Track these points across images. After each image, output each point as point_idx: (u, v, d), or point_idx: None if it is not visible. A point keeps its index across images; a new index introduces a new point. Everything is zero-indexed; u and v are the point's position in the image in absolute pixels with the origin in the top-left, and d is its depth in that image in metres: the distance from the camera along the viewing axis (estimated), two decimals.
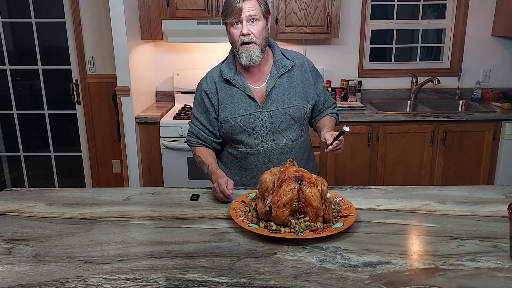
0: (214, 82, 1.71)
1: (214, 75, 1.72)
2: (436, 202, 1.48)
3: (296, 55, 1.75)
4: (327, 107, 1.84)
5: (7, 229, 1.32)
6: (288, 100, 1.67)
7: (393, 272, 1.06)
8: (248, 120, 1.66)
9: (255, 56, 1.60)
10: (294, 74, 1.70)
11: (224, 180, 1.51)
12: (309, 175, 1.29)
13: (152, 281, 1.03)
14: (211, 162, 1.69)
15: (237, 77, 1.68)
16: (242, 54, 1.60)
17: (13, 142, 3.75)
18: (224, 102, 1.68)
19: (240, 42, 1.59)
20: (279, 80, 1.68)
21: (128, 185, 3.02)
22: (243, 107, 1.66)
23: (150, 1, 3.03)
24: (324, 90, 1.81)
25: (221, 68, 1.71)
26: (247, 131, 1.67)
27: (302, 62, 1.74)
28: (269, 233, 1.22)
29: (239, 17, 1.56)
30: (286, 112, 1.67)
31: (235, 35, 1.60)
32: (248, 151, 1.70)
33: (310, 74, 1.74)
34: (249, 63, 1.61)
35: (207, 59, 3.48)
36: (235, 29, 1.60)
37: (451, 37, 3.54)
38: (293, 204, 1.24)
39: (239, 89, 1.67)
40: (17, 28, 3.55)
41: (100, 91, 3.53)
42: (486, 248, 1.16)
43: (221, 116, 1.69)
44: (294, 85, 1.69)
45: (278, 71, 1.68)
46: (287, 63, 1.70)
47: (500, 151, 3.04)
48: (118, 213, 1.43)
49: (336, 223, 1.28)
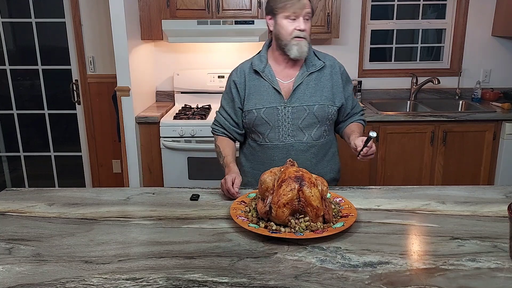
0: (243, 73, 1.75)
1: (245, 67, 1.77)
2: (436, 202, 1.48)
3: (328, 57, 1.78)
4: (355, 113, 1.83)
5: (7, 229, 1.32)
6: (313, 98, 1.69)
7: (393, 272, 1.06)
8: (271, 113, 1.68)
9: (304, 50, 1.65)
10: (324, 74, 1.72)
11: (231, 178, 1.53)
12: (309, 175, 1.29)
13: (152, 281, 1.03)
14: (227, 154, 1.71)
15: (266, 70, 1.72)
16: (293, 47, 1.63)
17: (13, 142, 3.75)
18: (250, 93, 1.72)
19: (293, 35, 1.62)
20: (308, 78, 1.70)
21: (128, 185, 3.02)
22: (268, 99, 1.69)
23: (150, 1, 3.03)
24: (352, 96, 1.82)
25: (252, 60, 1.76)
26: (269, 124, 1.69)
27: (333, 64, 1.76)
28: (269, 233, 1.22)
29: (300, 12, 1.60)
30: (310, 109, 1.68)
31: (289, 28, 1.62)
32: (268, 145, 1.72)
33: (340, 76, 1.75)
34: (299, 55, 1.65)
35: (207, 59, 3.49)
36: (289, 23, 1.62)
37: (451, 37, 3.54)
38: (293, 204, 1.24)
39: (266, 81, 1.70)
40: (17, 28, 3.55)
41: (100, 91, 3.53)
42: (486, 248, 1.17)
43: (245, 106, 1.72)
44: (322, 85, 1.71)
45: (307, 69, 1.71)
46: (318, 63, 1.72)
47: (500, 151, 3.04)
48: (118, 213, 1.43)
49: (336, 223, 1.28)
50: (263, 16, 3.05)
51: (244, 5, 3.05)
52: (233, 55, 3.49)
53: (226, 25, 2.99)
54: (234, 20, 2.99)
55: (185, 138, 2.93)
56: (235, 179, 1.54)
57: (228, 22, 2.99)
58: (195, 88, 3.39)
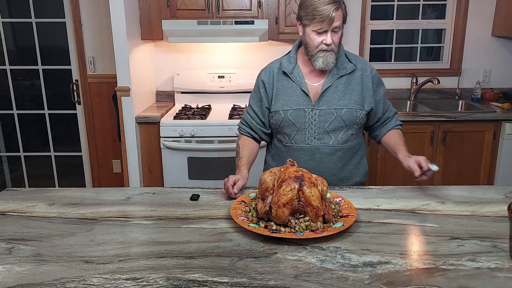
0: (272, 73, 1.74)
1: (274, 67, 1.75)
2: (436, 202, 1.48)
3: (360, 59, 1.74)
4: (389, 117, 1.78)
5: (7, 229, 1.32)
6: (342, 101, 1.66)
7: (393, 272, 1.06)
8: (298, 115, 1.67)
9: (330, 62, 1.62)
10: (354, 78, 1.69)
11: (234, 178, 1.53)
12: (309, 175, 1.29)
13: (152, 281, 1.03)
14: (243, 156, 1.71)
15: (295, 71, 1.70)
16: (319, 59, 1.61)
17: (13, 142, 3.75)
18: (278, 94, 1.71)
19: (320, 48, 1.60)
20: (337, 81, 1.67)
21: (128, 185, 3.02)
22: (295, 101, 1.68)
23: (150, 1, 3.03)
24: (384, 99, 1.76)
25: (281, 61, 1.74)
26: (295, 126, 1.68)
27: (364, 67, 1.72)
28: (269, 233, 1.22)
29: (328, 28, 1.56)
30: (338, 113, 1.65)
31: (316, 41, 1.59)
32: (293, 146, 1.71)
33: (371, 80, 1.71)
34: (324, 67, 1.63)
35: (207, 59, 3.49)
36: (318, 35, 1.58)
37: (451, 37, 3.54)
38: (293, 204, 1.24)
39: (295, 83, 1.69)
40: (17, 28, 3.55)
41: (100, 91, 3.53)
42: (486, 248, 1.17)
43: (273, 106, 1.71)
44: (351, 88, 1.68)
45: (338, 72, 1.68)
46: (349, 65, 1.69)
47: (500, 151, 3.04)
48: (118, 213, 1.43)
49: (336, 223, 1.28)
50: (263, 16, 3.06)
51: (244, 5, 3.05)
52: (233, 55, 3.49)
53: (226, 25, 2.99)
54: (234, 20, 2.99)
55: (185, 138, 2.93)
56: (238, 181, 1.53)
57: (228, 22, 2.99)
58: (195, 88, 3.39)
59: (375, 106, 1.73)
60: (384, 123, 1.79)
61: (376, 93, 1.73)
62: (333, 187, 1.64)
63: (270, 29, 3.07)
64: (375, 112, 1.74)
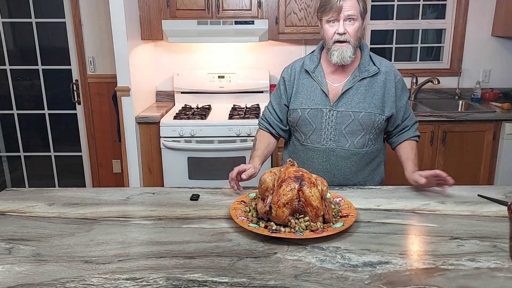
0: (294, 71, 1.74)
1: (297, 65, 1.75)
2: (436, 202, 1.48)
3: (385, 63, 1.70)
4: (406, 126, 1.74)
5: (7, 229, 1.32)
6: (361, 104, 1.63)
7: (393, 272, 1.06)
8: (316, 115, 1.65)
9: (346, 56, 1.59)
10: (377, 81, 1.65)
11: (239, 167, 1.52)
12: (309, 175, 1.29)
13: (152, 281, 1.03)
14: (259, 148, 1.71)
15: (317, 71, 1.69)
16: (334, 52, 1.59)
17: (13, 142, 3.75)
18: (298, 92, 1.70)
19: (334, 40, 1.58)
20: (359, 83, 1.64)
21: (128, 185, 3.02)
22: (314, 100, 1.66)
23: (150, 1, 3.03)
24: (407, 106, 1.72)
25: (304, 59, 1.74)
26: (312, 125, 1.67)
27: (388, 71, 1.67)
28: (269, 233, 1.22)
29: (338, 16, 1.55)
30: (355, 116, 1.62)
31: (330, 32, 1.58)
32: (309, 146, 1.70)
33: (394, 85, 1.67)
34: (340, 61, 1.60)
35: (207, 59, 3.49)
36: (331, 26, 1.58)
37: (451, 37, 3.54)
38: (293, 204, 1.24)
39: (316, 82, 1.68)
40: (17, 28, 3.55)
41: (100, 91, 3.53)
42: (486, 248, 1.17)
43: (291, 104, 1.71)
44: (372, 92, 1.64)
45: (360, 74, 1.65)
46: (372, 68, 1.66)
47: (500, 151, 3.04)
48: (118, 213, 1.43)
49: (336, 223, 1.28)
50: (263, 16, 3.06)
51: (244, 5, 3.05)
52: (233, 55, 3.49)
53: (226, 25, 2.99)
54: (234, 20, 2.99)
55: (185, 138, 2.93)
56: (248, 169, 1.52)
57: (228, 22, 2.99)
58: (195, 88, 3.39)
59: (396, 113, 1.69)
60: (402, 132, 1.75)
61: (399, 100, 1.69)
62: (333, 187, 1.64)
63: (270, 29, 3.07)
64: (395, 119, 1.71)
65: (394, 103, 1.68)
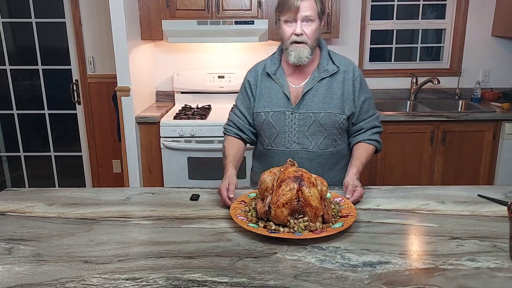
0: (257, 74, 1.73)
1: (259, 68, 1.75)
2: (436, 202, 1.48)
3: (344, 61, 1.69)
4: (363, 128, 1.69)
5: (7, 229, 1.32)
6: (321, 105, 1.62)
7: (393, 272, 1.06)
8: (279, 118, 1.65)
9: (304, 56, 1.58)
10: (335, 81, 1.65)
11: (225, 185, 1.46)
12: (309, 175, 1.29)
13: (152, 281, 1.03)
14: (229, 154, 1.67)
15: (278, 73, 1.68)
16: (291, 52, 1.59)
17: (13, 142, 3.75)
18: (261, 95, 1.69)
19: (291, 40, 1.58)
20: (318, 84, 1.64)
21: (128, 185, 3.02)
22: (277, 103, 1.66)
23: (150, 1, 3.03)
24: (365, 107, 1.68)
25: (266, 62, 1.74)
26: (276, 129, 1.66)
27: (347, 69, 1.66)
28: (268, 233, 1.22)
29: (295, 16, 1.54)
30: (316, 117, 1.62)
31: (287, 32, 1.58)
32: (274, 150, 1.69)
33: (352, 83, 1.66)
34: (297, 61, 1.59)
35: (207, 59, 3.49)
36: (288, 26, 1.58)
37: (451, 37, 3.54)
38: (292, 204, 1.24)
39: (277, 84, 1.67)
40: (17, 28, 3.55)
41: (100, 91, 3.53)
42: (486, 248, 1.17)
43: (255, 107, 1.70)
44: (332, 92, 1.63)
45: (319, 74, 1.64)
46: (331, 67, 1.65)
47: (500, 151, 3.04)
48: (118, 213, 1.43)
49: (336, 223, 1.28)
50: (263, 16, 3.06)
51: (244, 5, 3.05)
52: (233, 55, 3.49)
53: (226, 25, 2.99)
54: (234, 20, 2.99)
55: (185, 138, 2.93)
56: (229, 185, 1.46)
57: (228, 22, 2.99)
58: (195, 88, 3.39)
59: (355, 111, 1.67)
60: (357, 133, 1.71)
61: (357, 97, 1.66)
62: (333, 187, 1.64)
63: (270, 29, 3.06)
64: (354, 118, 1.68)
65: (353, 102, 1.66)
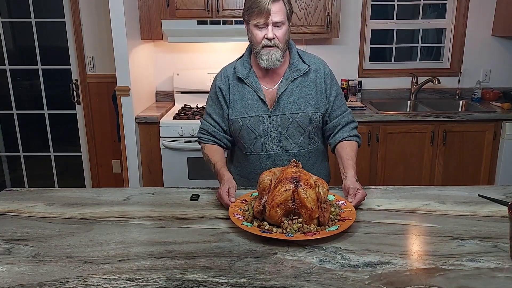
0: (227, 79, 1.68)
1: (228, 72, 1.70)
2: (436, 202, 1.48)
3: (314, 59, 1.68)
4: (339, 124, 1.68)
5: (7, 229, 1.32)
6: (297, 105, 1.62)
7: (393, 272, 1.06)
8: (257, 122, 1.63)
9: (276, 59, 1.56)
10: (308, 79, 1.64)
11: (225, 190, 1.45)
12: (307, 177, 1.27)
13: (152, 281, 1.03)
14: (217, 160, 1.64)
15: (250, 77, 1.65)
16: (263, 56, 1.56)
17: (13, 142, 3.75)
18: (234, 100, 1.65)
19: (263, 44, 1.55)
20: (292, 84, 1.63)
21: (128, 185, 3.02)
22: (253, 107, 1.63)
23: (150, 1, 3.03)
24: (336, 103, 1.67)
25: (235, 65, 1.69)
26: (255, 134, 1.64)
27: (318, 68, 1.66)
28: (260, 233, 1.21)
29: (266, 21, 1.51)
30: (294, 118, 1.61)
31: (258, 37, 1.55)
32: (254, 155, 1.67)
33: (324, 80, 1.65)
34: (269, 65, 1.57)
35: (207, 59, 3.49)
36: (259, 30, 1.54)
37: (451, 37, 3.54)
38: (287, 205, 1.23)
39: (251, 88, 1.64)
40: (17, 28, 3.55)
41: (100, 91, 3.53)
42: (486, 248, 1.16)
43: (230, 114, 1.66)
44: (306, 91, 1.63)
45: (291, 75, 1.63)
46: (303, 67, 1.64)
47: (500, 151, 3.04)
48: (118, 213, 1.43)
49: (331, 226, 1.26)
50: None
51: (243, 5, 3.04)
52: (233, 55, 3.46)
53: (226, 25, 2.98)
54: (234, 20, 2.98)
55: (185, 138, 2.93)
56: (229, 189, 1.45)
57: (228, 22, 2.98)
58: (195, 88, 3.39)
59: (328, 107, 1.66)
60: (336, 131, 1.69)
61: (328, 93, 1.66)
62: (333, 187, 1.63)
63: None
64: (328, 115, 1.67)
65: (326, 99, 1.66)
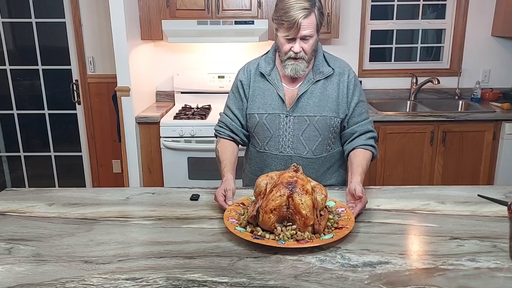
0: (249, 73, 1.68)
1: (251, 67, 1.69)
2: (436, 202, 1.48)
3: (340, 63, 1.65)
4: (356, 131, 1.63)
5: (7, 229, 1.32)
6: (316, 108, 1.59)
7: (393, 272, 1.06)
8: (273, 120, 1.61)
9: (300, 70, 1.55)
10: (331, 83, 1.61)
11: (220, 191, 1.42)
12: (304, 182, 1.23)
13: (152, 281, 1.03)
14: (225, 159, 1.61)
15: (273, 74, 1.63)
16: (288, 66, 1.55)
17: (13, 142, 3.75)
18: (254, 95, 1.64)
19: (289, 56, 1.53)
20: (313, 86, 1.60)
21: (128, 185, 3.02)
22: (271, 105, 1.61)
23: (150, 1, 3.03)
24: (357, 109, 1.63)
25: (259, 61, 1.68)
26: (270, 131, 1.62)
27: (342, 71, 1.62)
28: (252, 239, 1.18)
29: (295, 35, 1.48)
30: (311, 120, 1.58)
31: (285, 47, 1.53)
32: (266, 153, 1.65)
33: (347, 85, 1.61)
34: (293, 75, 1.56)
35: (207, 59, 3.49)
36: (286, 42, 1.52)
37: (451, 37, 3.54)
38: (281, 211, 1.19)
39: (272, 85, 1.62)
40: (17, 28, 3.55)
41: (100, 91, 3.53)
42: (486, 248, 1.17)
43: (248, 108, 1.65)
44: (327, 94, 1.60)
45: (314, 77, 1.60)
46: (326, 69, 1.61)
47: (500, 151, 3.04)
48: (118, 213, 1.43)
49: (327, 234, 1.21)
50: (263, 16, 3.06)
51: (244, 5, 3.05)
52: (233, 55, 3.49)
53: (226, 25, 2.99)
54: (234, 20, 2.99)
55: (185, 138, 2.93)
56: (227, 192, 1.42)
57: (228, 22, 2.99)
58: (195, 88, 3.39)
59: (348, 113, 1.62)
60: (351, 139, 1.65)
61: (350, 98, 1.62)
62: (333, 187, 1.64)
63: (270, 29, 3.06)
64: (347, 121, 1.64)
65: (346, 104, 1.62)
